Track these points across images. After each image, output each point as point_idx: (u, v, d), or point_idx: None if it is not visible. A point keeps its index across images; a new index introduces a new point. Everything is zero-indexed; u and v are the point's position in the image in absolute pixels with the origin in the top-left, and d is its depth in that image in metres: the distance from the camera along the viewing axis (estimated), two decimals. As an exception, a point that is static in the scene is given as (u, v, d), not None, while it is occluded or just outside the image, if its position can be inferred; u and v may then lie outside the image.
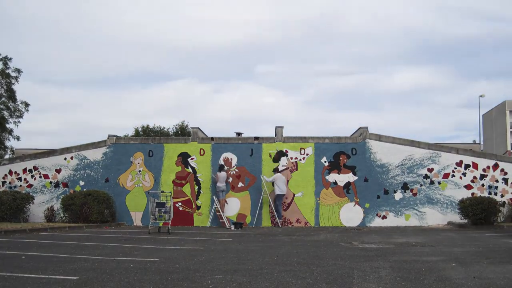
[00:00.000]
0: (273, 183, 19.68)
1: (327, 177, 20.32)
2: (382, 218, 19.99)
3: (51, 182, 21.04)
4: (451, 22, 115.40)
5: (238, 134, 21.97)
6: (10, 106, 34.15)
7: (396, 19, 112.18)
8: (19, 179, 21.22)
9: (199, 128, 21.52)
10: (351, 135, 21.60)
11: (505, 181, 19.96)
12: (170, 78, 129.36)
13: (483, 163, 20.12)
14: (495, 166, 20.06)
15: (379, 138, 20.58)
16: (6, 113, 33.17)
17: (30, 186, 21.09)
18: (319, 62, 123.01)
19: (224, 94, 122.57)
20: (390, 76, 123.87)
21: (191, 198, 20.46)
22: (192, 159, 20.78)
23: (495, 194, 19.76)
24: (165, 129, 45.85)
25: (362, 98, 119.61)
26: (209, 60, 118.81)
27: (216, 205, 19.68)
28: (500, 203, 19.18)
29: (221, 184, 19.81)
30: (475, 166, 20.05)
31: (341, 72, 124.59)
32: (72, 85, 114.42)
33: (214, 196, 20.07)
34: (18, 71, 30.91)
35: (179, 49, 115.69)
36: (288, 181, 20.26)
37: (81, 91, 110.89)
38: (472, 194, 19.64)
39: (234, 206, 20.34)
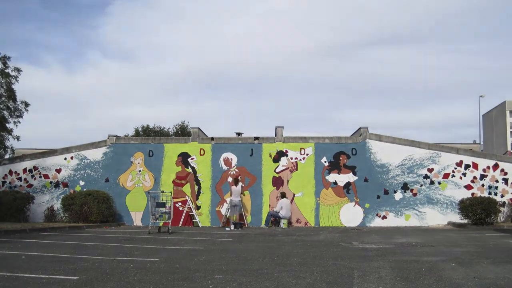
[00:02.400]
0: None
1: (327, 177, 20.32)
2: (382, 218, 19.98)
3: (51, 182, 21.05)
4: None
5: (238, 134, 21.97)
6: (10, 106, 34.12)
7: None
8: (19, 179, 21.23)
9: (199, 128, 21.51)
10: (351, 135, 21.60)
11: (505, 181, 19.95)
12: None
13: (483, 163, 20.11)
14: (495, 166, 20.05)
15: (379, 138, 20.57)
16: (6, 113, 33.13)
17: (30, 186, 21.09)
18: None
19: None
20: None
21: (191, 198, 20.44)
22: (192, 159, 20.77)
23: (495, 194, 19.76)
24: (165, 129, 45.76)
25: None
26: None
27: (229, 215, 19.37)
28: (500, 203, 19.21)
29: (235, 199, 18.84)
30: (475, 166, 20.04)
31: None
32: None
33: (227, 205, 19.72)
34: (18, 70, 30.77)
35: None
36: (288, 180, 20.26)
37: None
38: (472, 194, 19.64)
39: (234, 206, 20.29)
